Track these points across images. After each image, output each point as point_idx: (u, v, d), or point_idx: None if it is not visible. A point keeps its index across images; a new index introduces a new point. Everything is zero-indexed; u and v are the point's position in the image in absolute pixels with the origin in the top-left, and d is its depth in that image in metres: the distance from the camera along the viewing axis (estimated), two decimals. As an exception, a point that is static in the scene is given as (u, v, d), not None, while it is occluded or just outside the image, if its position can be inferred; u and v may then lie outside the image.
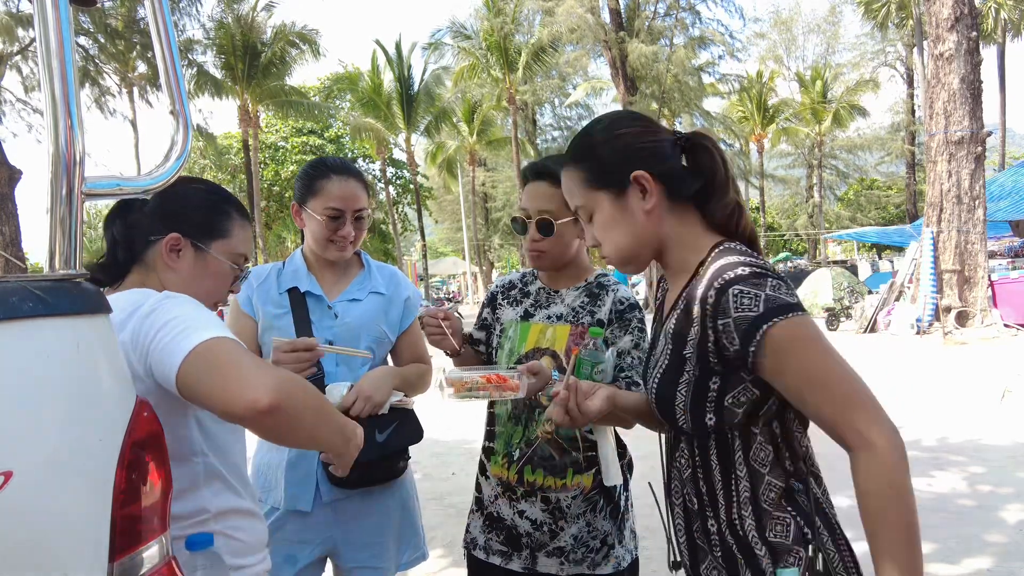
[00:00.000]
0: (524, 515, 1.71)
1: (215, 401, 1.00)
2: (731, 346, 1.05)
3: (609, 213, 1.19)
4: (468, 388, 1.47)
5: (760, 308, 1.02)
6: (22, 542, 0.75)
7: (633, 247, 1.20)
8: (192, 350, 1.01)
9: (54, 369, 0.78)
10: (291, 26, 26.07)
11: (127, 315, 1.10)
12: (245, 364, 1.01)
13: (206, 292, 1.35)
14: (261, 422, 0.99)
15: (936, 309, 11.99)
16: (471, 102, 31.96)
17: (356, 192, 1.86)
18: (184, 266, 1.31)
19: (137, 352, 1.07)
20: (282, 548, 1.78)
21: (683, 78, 22.69)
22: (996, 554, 3.29)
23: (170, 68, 1.05)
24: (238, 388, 0.98)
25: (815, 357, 1.03)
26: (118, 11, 19.34)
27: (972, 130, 11.58)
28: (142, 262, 1.30)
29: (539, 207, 1.71)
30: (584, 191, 1.21)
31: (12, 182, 10.00)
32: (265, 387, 0.98)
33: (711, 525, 1.16)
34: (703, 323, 1.07)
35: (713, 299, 1.05)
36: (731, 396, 1.10)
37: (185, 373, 1.01)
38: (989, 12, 27.55)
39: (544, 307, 1.80)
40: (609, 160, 1.19)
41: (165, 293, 1.16)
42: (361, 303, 1.92)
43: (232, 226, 1.37)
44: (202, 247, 1.32)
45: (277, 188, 32.09)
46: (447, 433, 6.18)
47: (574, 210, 1.28)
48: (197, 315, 1.09)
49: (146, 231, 1.29)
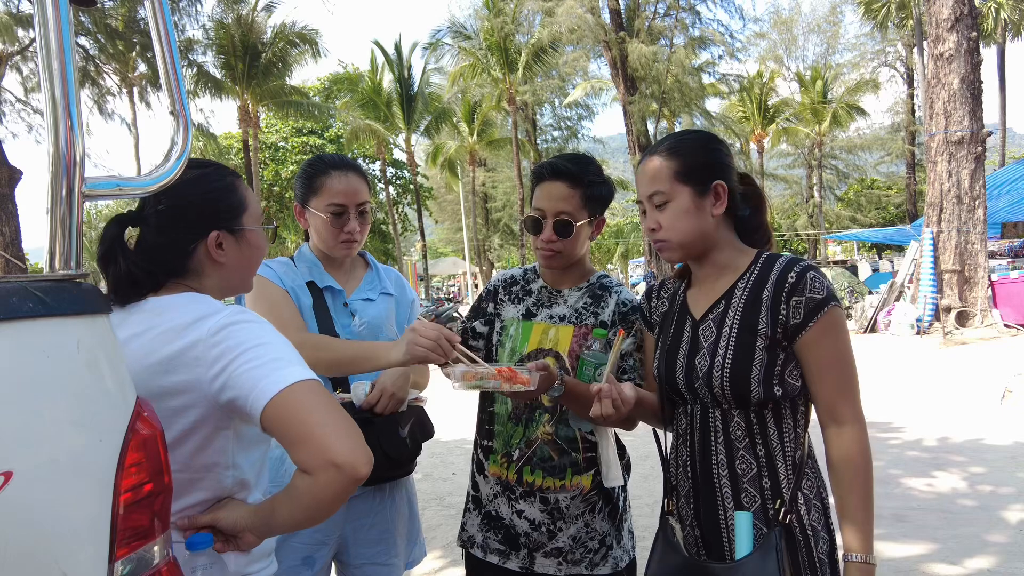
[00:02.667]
0: (523, 515, 1.71)
1: (311, 445, 1.00)
2: (793, 320, 1.31)
3: (686, 206, 1.40)
4: (479, 378, 1.46)
5: (825, 293, 1.31)
6: (22, 542, 0.75)
7: (694, 239, 1.42)
8: (286, 388, 1.02)
9: (54, 369, 0.78)
10: (291, 26, 26.05)
11: (191, 321, 1.10)
12: (345, 419, 1.04)
13: (257, 259, 1.37)
14: (345, 487, 1.01)
15: (936, 309, 11.99)
16: (471, 102, 31.95)
17: (357, 186, 1.86)
18: (231, 254, 1.30)
19: (211, 358, 1.06)
20: (300, 551, 1.78)
21: (683, 78, 22.68)
22: (996, 554, 3.29)
23: (170, 68, 1.04)
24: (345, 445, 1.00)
25: (844, 341, 1.33)
26: (118, 11, 19.33)
27: (972, 130, 11.57)
28: (183, 272, 1.25)
29: (557, 208, 1.69)
30: (671, 181, 1.41)
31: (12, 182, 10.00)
32: (366, 455, 1.01)
33: (766, 483, 1.36)
34: (776, 300, 1.33)
35: (794, 279, 1.32)
36: (791, 369, 1.35)
37: (280, 406, 1.02)
38: (989, 12, 27.53)
39: (546, 306, 1.78)
40: (701, 164, 1.41)
41: (236, 308, 1.16)
42: (375, 303, 1.94)
43: (245, 194, 1.35)
44: (237, 228, 1.31)
45: (277, 188, 32.10)
46: (447, 433, 6.18)
47: (652, 193, 1.42)
48: (283, 346, 1.10)
49: (181, 243, 1.25)
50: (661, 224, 1.42)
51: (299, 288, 1.83)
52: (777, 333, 1.33)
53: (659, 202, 1.42)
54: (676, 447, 1.50)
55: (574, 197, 1.69)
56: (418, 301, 2.10)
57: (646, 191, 1.44)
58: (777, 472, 1.36)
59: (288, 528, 1.13)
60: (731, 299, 1.40)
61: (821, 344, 1.31)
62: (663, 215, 1.42)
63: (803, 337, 1.32)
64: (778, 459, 1.36)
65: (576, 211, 1.68)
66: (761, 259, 1.42)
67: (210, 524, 1.12)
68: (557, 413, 1.70)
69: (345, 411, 1.06)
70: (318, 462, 0.99)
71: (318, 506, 1.04)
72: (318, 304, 1.83)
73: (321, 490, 1.01)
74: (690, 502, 1.44)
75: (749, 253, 1.45)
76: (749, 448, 1.37)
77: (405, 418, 1.84)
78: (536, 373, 1.46)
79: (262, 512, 1.11)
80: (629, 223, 46.08)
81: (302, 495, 1.04)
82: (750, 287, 1.38)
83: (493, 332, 1.84)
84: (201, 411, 1.09)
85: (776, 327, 1.33)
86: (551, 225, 1.69)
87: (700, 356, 1.40)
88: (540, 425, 1.71)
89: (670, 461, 1.53)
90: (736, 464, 1.37)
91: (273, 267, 1.85)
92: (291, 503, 1.06)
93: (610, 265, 52.19)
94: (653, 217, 1.43)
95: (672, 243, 1.42)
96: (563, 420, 1.70)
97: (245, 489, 1.21)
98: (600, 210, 1.76)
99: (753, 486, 1.36)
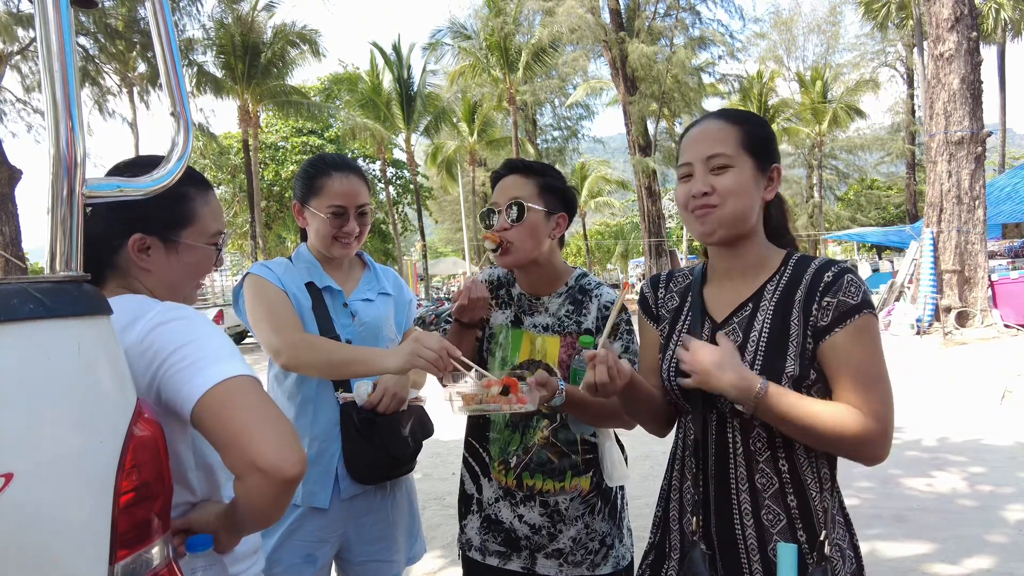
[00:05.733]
0: (523, 519, 1.71)
1: (234, 449, 0.95)
2: (820, 322, 1.22)
3: (746, 178, 1.29)
4: (478, 401, 1.46)
5: (860, 298, 1.21)
6: (23, 544, 0.75)
7: (744, 215, 1.30)
8: (213, 388, 0.97)
9: (55, 371, 0.78)
10: (291, 26, 26.06)
11: (122, 327, 1.05)
12: (274, 418, 0.98)
13: (191, 276, 1.28)
14: (274, 491, 0.96)
15: (936, 309, 11.98)
16: (471, 102, 31.95)
17: (358, 188, 1.86)
18: (159, 263, 1.22)
19: (142, 365, 1.02)
20: (302, 548, 1.78)
21: (683, 78, 22.68)
22: (996, 554, 3.29)
23: (171, 68, 1.04)
24: (268, 447, 0.95)
25: (876, 352, 1.22)
26: (118, 11, 19.32)
27: (972, 130, 11.56)
28: (115, 268, 1.21)
29: (509, 195, 1.68)
30: (737, 146, 1.29)
31: (12, 182, 10.00)
32: (299, 455, 0.96)
33: (791, 500, 1.26)
34: (809, 301, 1.24)
35: (830, 279, 1.23)
36: (817, 378, 1.24)
37: (205, 408, 0.97)
38: (989, 12, 27.52)
39: (529, 314, 1.76)
40: (765, 140, 1.32)
41: (170, 305, 1.11)
42: (374, 303, 1.94)
43: (196, 208, 1.25)
44: (172, 239, 1.23)
45: (277, 188, 32.07)
46: (447, 433, 6.15)
47: (712, 155, 1.29)
48: (215, 341, 1.04)
49: (106, 237, 1.19)
50: (716, 188, 1.28)
51: (298, 290, 1.83)
52: (808, 338, 1.23)
53: (719, 164, 1.28)
54: (682, 458, 1.40)
55: (528, 185, 1.69)
56: (416, 301, 2.10)
57: (705, 151, 1.30)
58: (806, 490, 1.26)
59: (252, 530, 1.10)
60: (760, 302, 1.30)
61: (850, 352, 1.20)
62: (721, 179, 1.28)
63: (828, 341, 1.21)
64: (805, 475, 1.26)
65: (530, 197, 1.67)
66: (792, 260, 1.32)
67: (184, 528, 1.09)
68: (557, 419, 1.70)
69: (278, 408, 1.02)
70: (242, 466, 0.95)
71: (254, 510, 1.00)
72: (317, 305, 1.83)
73: (252, 494, 0.97)
74: (697, 517, 1.34)
75: (779, 253, 1.35)
76: (770, 462, 1.27)
77: (406, 417, 1.85)
78: (535, 392, 1.45)
79: (228, 513, 1.08)
80: (629, 223, 46.06)
81: (240, 500, 1.01)
82: (781, 289, 1.29)
83: (484, 338, 1.81)
84: None
85: (807, 330, 1.23)
86: (503, 212, 1.68)
87: None
88: (538, 431, 1.70)
89: (673, 472, 1.43)
90: (756, 478, 1.27)
91: (272, 268, 1.84)
92: (238, 507, 1.04)
93: (610, 265, 52.16)
94: (707, 180, 1.28)
95: (724, 212, 1.28)
96: (563, 424, 1.70)
97: (217, 488, 1.18)
98: (559, 207, 1.72)
99: (777, 503, 1.26)
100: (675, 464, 1.42)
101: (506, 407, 1.44)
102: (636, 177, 23.75)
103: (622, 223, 50.45)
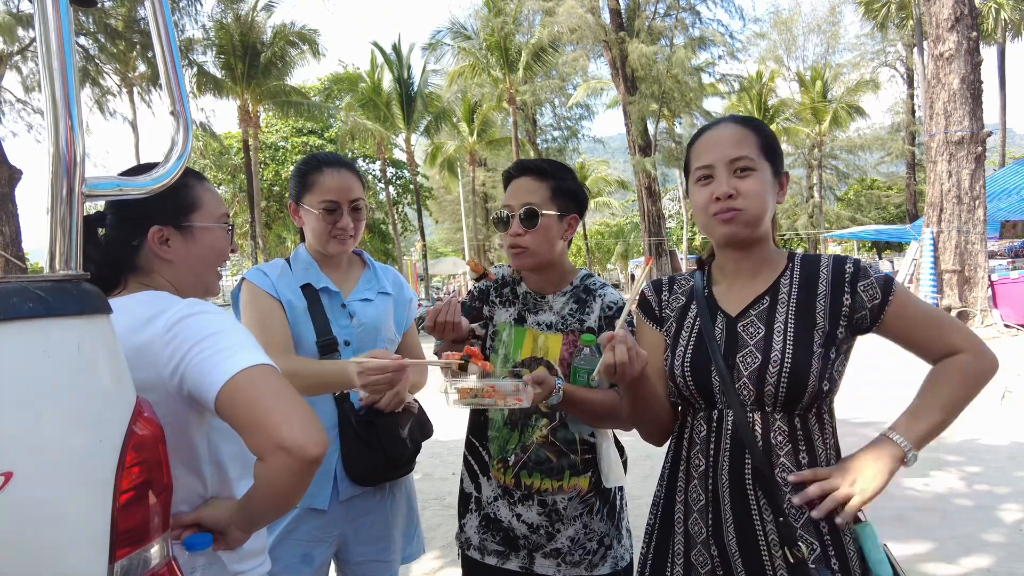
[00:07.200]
0: (521, 518, 1.71)
1: (260, 430, 0.99)
2: (871, 301, 1.31)
3: (766, 182, 1.35)
4: (473, 395, 1.47)
5: (884, 275, 1.34)
6: (23, 542, 0.75)
7: (763, 217, 1.36)
8: (237, 374, 1.01)
9: (55, 370, 0.78)
10: (291, 26, 26.07)
11: (146, 319, 1.10)
12: (296, 401, 1.02)
13: (212, 260, 1.35)
14: (298, 470, 0.99)
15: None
16: (471, 102, 31.95)
17: (350, 183, 1.86)
18: (179, 251, 1.29)
19: (166, 355, 1.06)
20: (299, 547, 1.78)
21: (683, 78, 22.64)
22: (995, 554, 3.29)
23: (170, 68, 1.05)
24: (292, 427, 0.98)
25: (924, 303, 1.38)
26: (118, 11, 19.31)
27: (972, 130, 11.57)
28: (136, 269, 1.28)
29: (523, 200, 1.69)
30: (757, 150, 1.35)
31: (12, 182, 10.00)
32: (321, 436, 0.99)
33: None
34: (838, 292, 1.33)
35: (852, 268, 1.34)
36: (839, 364, 1.32)
37: (230, 393, 1.01)
38: (989, 12, 27.52)
39: (533, 313, 1.77)
40: (778, 148, 1.39)
41: (193, 300, 1.16)
42: (373, 303, 1.93)
43: (198, 193, 1.33)
44: (186, 225, 1.30)
45: (277, 188, 32.08)
46: (447, 433, 6.16)
47: (737, 157, 1.33)
48: (236, 333, 1.09)
49: (125, 239, 1.27)
50: (741, 191, 1.32)
51: (293, 294, 1.83)
52: (839, 326, 1.31)
53: (742, 167, 1.32)
54: (686, 458, 1.38)
55: (540, 189, 1.69)
56: (416, 300, 2.10)
57: (729, 154, 1.33)
58: None
59: (267, 519, 1.13)
60: (777, 295, 1.36)
61: (908, 307, 1.32)
62: (745, 182, 1.32)
63: (888, 311, 1.31)
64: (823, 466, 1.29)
65: (543, 202, 1.68)
66: (797, 259, 1.41)
67: (195, 523, 1.11)
68: (556, 418, 1.70)
69: (298, 394, 1.05)
70: (267, 447, 0.98)
71: (276, 493, 1.03)
72: (313, 306, 1.83)
73: (275, 475, 1.00)
74: (707, 518, 1.32)
75: (782, 252, 1.43)
76: (791, 455, 1.28)
77: (404, 419, 1.85)
78: (530, 389, 1.46)
79: (243, 506, 1.11)
80: (629, 223, 46.03)
81: (261, 483, 1.03)
82: (797, 283, 1.36)
83: (487, 335, 1.82)
84: (167, 408, 1.08)
85: (839, 319, 1.31)
86: (517, 218, 1.69)
87: (745, 354, 1.31)
88: (537, 430, 1.70)
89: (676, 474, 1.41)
90: (776, 472, 1.28)
91: (268, 273, 1.84)
92: (257, 493, 1.06)
93: (610, 265, 52.13)
94: (731, 183, 1.32)
95: (748, 214, 1.32)
96: (562, 423, 1.70)
97: (228, 484, 1.20)
98: (572, 208, 1.73)
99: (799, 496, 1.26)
100: (679, 464, 1.40)
101: (501, 402, 1.45)
102: (636, 177, 23.73)
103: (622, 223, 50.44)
